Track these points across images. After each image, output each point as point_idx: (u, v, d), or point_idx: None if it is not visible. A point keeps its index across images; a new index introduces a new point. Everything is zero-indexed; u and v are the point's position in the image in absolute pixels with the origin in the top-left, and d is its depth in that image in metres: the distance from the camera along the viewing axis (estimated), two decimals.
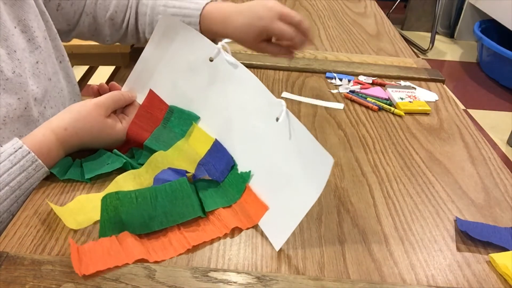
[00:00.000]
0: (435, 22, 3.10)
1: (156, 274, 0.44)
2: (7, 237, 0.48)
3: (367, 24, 1.22)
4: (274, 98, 0.55)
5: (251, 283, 0.44)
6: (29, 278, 0.43)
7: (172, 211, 0.50)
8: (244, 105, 0.59)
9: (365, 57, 0.99)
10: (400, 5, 3.51)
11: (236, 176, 0.56)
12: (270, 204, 0.52)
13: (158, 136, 0.61)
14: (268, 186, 0.54)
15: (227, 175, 0.57)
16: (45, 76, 0.66)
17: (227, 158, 0.59)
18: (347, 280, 0.45)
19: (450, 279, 0.47)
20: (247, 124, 0.58)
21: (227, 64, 0.61)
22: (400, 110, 0.79)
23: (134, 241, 0.47)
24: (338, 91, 0.85)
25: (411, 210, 0.56)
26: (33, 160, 0.53)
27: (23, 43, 0.63)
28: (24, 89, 0.61)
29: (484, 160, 0.68)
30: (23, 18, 0.64)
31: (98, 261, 0.45)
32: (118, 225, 0.48)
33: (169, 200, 0.50)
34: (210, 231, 0.50)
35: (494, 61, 2.76)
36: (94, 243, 0.46)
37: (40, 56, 0.66)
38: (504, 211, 0.58)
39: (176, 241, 0.48)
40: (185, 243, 0.48)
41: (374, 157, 0.66)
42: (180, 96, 0.65)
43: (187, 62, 0.65)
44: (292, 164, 0.51)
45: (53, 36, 0.71)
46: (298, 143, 0.50)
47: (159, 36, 0.66)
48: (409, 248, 0.51)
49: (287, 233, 0.48)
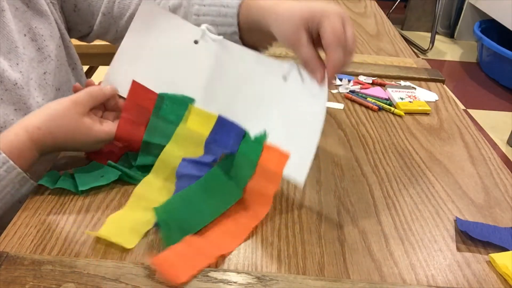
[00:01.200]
0: (435, 22, 3.09)
1: (156, 274, 0.44)
2: (7, 237, 0.48)
3: (367, 24, 1.22)
4: (277, 61, 0.56)
5: (251, 283, 0.44)
6: (29, 278, 0.43)
7: (217, 202, 0.52)
8: (243, 76, 0.58)
9: (365, 57, 0.99)
10: (400, 5, 3.51)
11: (250, 142, 0.56)
12: (287, 150, 0.53)
13: (154, 129, 0.59)
14: (283, 137, 0.54)
15: (240, 144, 0.56)
16: (53, 87, 0.65)
17: (235, 129, 0.57)
18: (347, 280, 0.45)
19: (450, 279, 0.47)
20: (251, 93, 0.58)
21: (214, 43, 0.59)
22: (400, 110, 0.79)
23: (202, 240, 0.49)
24: (338, 91, 0.85)
25: (411, 210, 0.56)
26: (3, 161, 0.50)
27: (32, 52, 0.63)
28: (23, 101, 0.60)
29: (484, 160, 0.68)
30: (34, 26, 0.63)
31: (187, 266, 0.45)
32: (178, 231, 0.49)
33: (210, 193, 0.52)
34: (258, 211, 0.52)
35: (494, 61, 2.76)
36: (169, 253, 0.46)
37: (49, 66, 0.65)
38: (504, 211, 0.58)
39: (234, 230, 0.51)
40: (242, 229, 0.51)
41: (374, 157, 0.66)
42: (168, 83, 0.61)
43: (171, 48, 0.62)
44: (299, 108, 0.54)
45: (66, 44, 0.70)
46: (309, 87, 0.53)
47: (138, 25, 0.62)
48: (409, 248, 0.51)
49: (307, 165, 0.50)
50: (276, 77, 0.56)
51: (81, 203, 0.53)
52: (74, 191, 0.54)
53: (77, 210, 0.52)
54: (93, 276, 0.43)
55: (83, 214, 0.52)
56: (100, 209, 0.53)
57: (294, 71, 0.55)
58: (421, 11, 3.41)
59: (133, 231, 0.49)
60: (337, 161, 0.65)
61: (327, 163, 0.64)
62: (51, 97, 0.65)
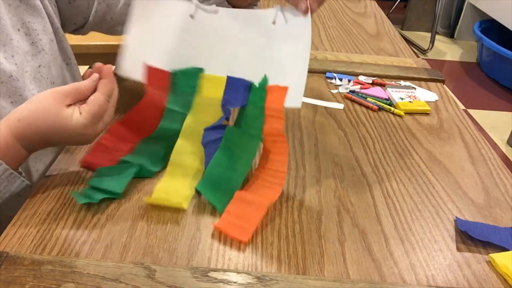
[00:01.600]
0: (435, 22, 3.09)
1: (156, 274, 0.44)
2: (7, 237, 0.48)
3: (367, 24, 1.22)
4: (264, 10, 0.62)
5: (251, 283, 0.44)
6: (29, 278, 0.43)
7: (243, 155, 0.58)
8: (242, 35, 0.63)
9: (365, 57, 0.99)
10: (400, 5, 3.51)
11: (256, 90, 0.61)
12: (284, 83, 0.59)
13: (175, 102, 0.64)
14: (278, 73, 0.60)
15: (249, 96, 0.61)
16: (48, 80, 0.66)
17: (242, 84, 0.62)
18: (347, 280, 0.45)
19: (450, 279, 0.47)
20: (251, 48, 0.63)
21: (209, 13, 0.64)
22: (400, 110, 0.79)
23: (248, 193, 0.55)
24: (338, 91, 0.85)
25: (411, 210, 0.56)
26: None
27: (26, 46, 0.63)
28: (19, 93, 0.60)
29: (484, 160, 0.68)
30: (27, 20, 0.63)
31: (247, 223, 0.51)
32: (225, 194, 0.54)
33: (234, 150, 0.58)
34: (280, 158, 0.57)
35: (494, 61, 2.76)
36: (227, 216, 0.52)
37: (44, 59, 0.65)
38: (504, 211, 0.58)
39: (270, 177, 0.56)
40: (277, 176, 0.56)
41: (374, 157, 0.66)
42: (177, 60, 0.65)
43: (171, 27, 0.65)
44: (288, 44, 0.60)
45: (60, 38, 0.70)
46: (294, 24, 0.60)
47: (138, 11, 0.66)
48: (409, 248, 0.51)
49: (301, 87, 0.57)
50: (267, 24, 0.62)
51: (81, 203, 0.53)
52: (113, 197, 0.54)
53: (77, 210, 0.52)
54: (93, 276, 0.43)
55: (83, 214, 0.52)
56: (100, 209, 0.53)
57: (279, 13, 0.61)
58: (421, 11, 3.40)
59: (180, 195, 0.55)
60: (337, 161, 0.65)
61: (327, 163, 0.64)
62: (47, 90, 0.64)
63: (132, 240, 0.49)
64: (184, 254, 0.47)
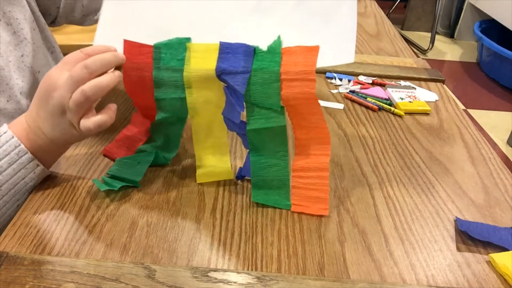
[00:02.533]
0: (435, 22, 3.10)
1: (156, 274, 0.44)
2: (7, 237, 0.48)
3: (367, 24, 1.22)
4: None
5: (251, 283, 0.44)
6: (29, 278, 0.43)
7: (276, 146, 0.55)
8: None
9: (365, 57, 0.99)
10: (400, 5, 3.51)
11: (264, 54, 0.53)
12: (315, 42, 0.51)
13: (160, 83, 0.55)
14: (304, 32, 0.55)
15: (253, 61, 0.53)
16: (31, 69, 0.66)
17: (241, 47, 0.53)
18: (347, 280, 0.45)
19: (450, 279, 0.47)
20: (247, 11, 0.58)
21: None
22: (400, 110, 0.79)
23: (304, 173, 0.55)
24: (338, 91, 0.85)
25: (411, 210, 0.56)
26: (16, 145, 0.51)
27: (7, 36, 0.63)
28: (6, 82, 0.61)
29: (484, 160, 0.68)
30: (8, 10, 0.63)
31: (318, 201, 0.54)
32: (281, 190, 0.55)
33: (264, 145, 0.55)
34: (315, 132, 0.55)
35: (494, 61, 2.76)
36: (296, 199, 0.55)
37: (26, 49, 0.65)
38: (504, 211, 0.58)
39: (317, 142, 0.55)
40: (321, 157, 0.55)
41: (374, 157, 0.66)
42: (159, 33, 0.56)
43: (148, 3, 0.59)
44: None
45: (41, 27, 0.70)
46: None
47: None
48: (409, 248, 0.51)
49: (353, 41, 0.53)
50: None
51: (81, 203, 0.53)
52: (132, 185, 0.56)
53: (77, 210, 0.52)
54: (93, 276, 0.43)
55: (83, 214, 0.52)
56: (100, 209, 0.53)
57: None
58: (421, 11, 3.41)
59: (222, 167, 0.58)
60: (337, 161, 0.65)
61: None
62: (31, 79, 0.65)
63: (132, 240, 0.49)
64: (184, 254, 0.47)
